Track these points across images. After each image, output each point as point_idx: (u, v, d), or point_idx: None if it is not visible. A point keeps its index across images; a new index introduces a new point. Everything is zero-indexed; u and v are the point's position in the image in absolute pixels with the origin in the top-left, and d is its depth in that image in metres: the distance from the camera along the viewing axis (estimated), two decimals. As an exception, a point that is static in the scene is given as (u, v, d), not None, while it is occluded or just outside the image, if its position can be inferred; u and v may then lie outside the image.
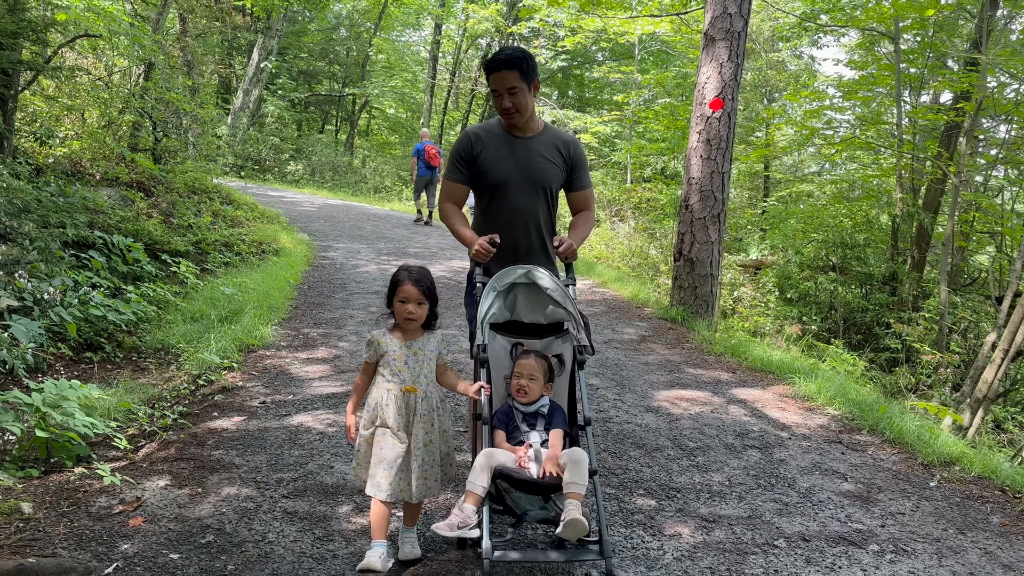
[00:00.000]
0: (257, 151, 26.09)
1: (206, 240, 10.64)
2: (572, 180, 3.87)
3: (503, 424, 3.30)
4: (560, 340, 3.57)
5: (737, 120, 9.28)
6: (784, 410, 5.74)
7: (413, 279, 3.21)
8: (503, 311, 3.54)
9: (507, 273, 3.51)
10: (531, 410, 3.32)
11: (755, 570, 3.41)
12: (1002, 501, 4.34)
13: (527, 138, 3.77)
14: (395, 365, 3.20)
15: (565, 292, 3.53)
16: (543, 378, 3.34)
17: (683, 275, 9.09)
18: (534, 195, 3.74)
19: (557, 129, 3.95)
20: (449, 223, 3.82)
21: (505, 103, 3.62)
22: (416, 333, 3.28)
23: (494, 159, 3.72)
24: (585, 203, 3.95)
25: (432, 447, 3.23)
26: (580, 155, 3.89)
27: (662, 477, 4.36)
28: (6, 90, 10.01)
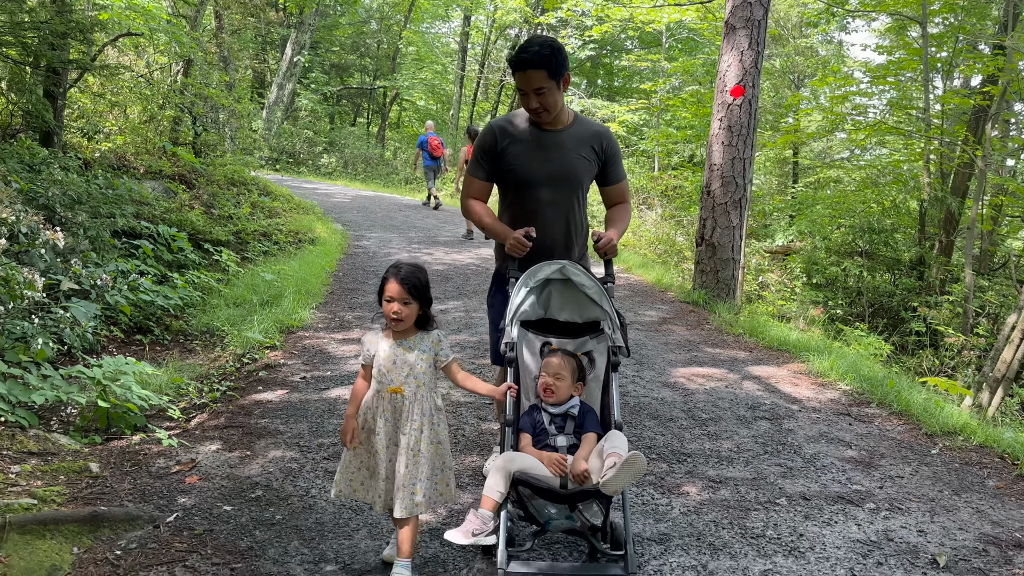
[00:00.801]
0: (291, 144, 26.64)
1: (245, 230, 11.10)
2: (605, 174, 3.67)
3: (529, 427, 3.12)
4: (593, 339, 3.39)
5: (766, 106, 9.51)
6: (797, 385, 5.99)
7: (399, 277, 2.96)
8: (536, 308, 3.36)
9: (541, 268, 3.31)
10: (560, 411, 3.13)
11: (756, 524, 3.69)
12: (1000, 467, 4.56)
13: (556, 131, 3.55)
14: (383, 366, 3.01)
15: (602, 289, 3.33)
16: (571, 377, 3.15)
17: (705, 260, 9.32)
18: (564, 191, 3.54)
19: (588, 120, 3.72)
20: (477, 220, 3.66)
21: (532, 103, 3.42)
22: (408, 333, 3.04)
23: (520, 154, 3.52)
24: (620, 196, 3.75)
25: (420, 457, 2.96)
26: (613, 147, 3.67)
27: (674, 444, 4.65)
28: (56, 88, 10.55)
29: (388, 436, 2.99)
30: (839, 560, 3.39)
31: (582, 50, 26.99)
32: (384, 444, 2.98)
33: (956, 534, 3.69)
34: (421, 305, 3.02)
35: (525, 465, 2.87)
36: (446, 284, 9.23)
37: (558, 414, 3.13)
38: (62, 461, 4.06)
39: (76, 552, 3.20)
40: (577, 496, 2.81)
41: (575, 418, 3.11)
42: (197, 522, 3.50)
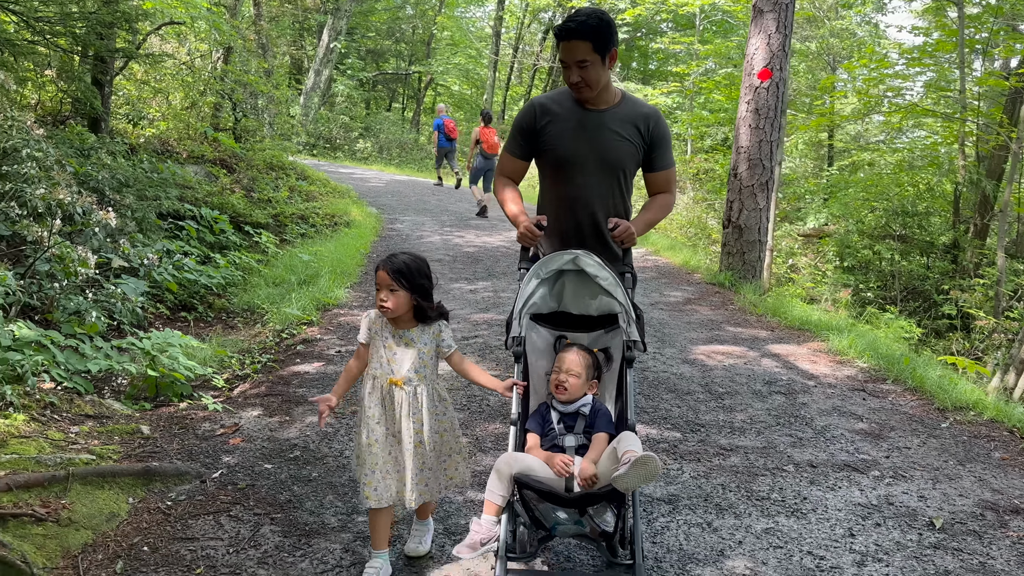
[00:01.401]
0: (328, 130, 27.07)
1: (284, 213, 11.46)
2: (651, 159, 3.40)
3: (538, 426, 2.97)
4: (609, 334, 3.21)
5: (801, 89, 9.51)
6: (815, 363, 6.14)
7: (388, 265, 2.85)
8: (547, 300, 3.19)
9: (553, 259, 3.13)
10: (570, 410, 2.95)
11: (762, 488, 3.90)
12: (1008, 440, 4.70)
13: (600, 111, 3.32)
14: (385, 354, 2.92)
15: (617, 281, 3.12)
16: (586, 375, 2.98)
17: (731, 241, 9.44)
18: (605, 176, 3.32)
19: (637, 100, 3.47)
20: (499, 198, 3.52)
21: (573, 77, 3.20)
22: (407, 324, 2.94)
23: (560, 133, 3.32)
24: (665, 185, 3.49)
25: (422, 448, 2.90)
26: (662, 130, 3.39)
27: (688, 415, 4.86)
28: (103, 76, 10.95)
29: (388, 428, 2.91)
30: (839, 521, 3.59)
31: (616, 33, 26.88)
32: (383, 433, 2.90)
33: (956, 500, 3.86)
34: (413, 293, 2.86)
35: (527, 466, 2.71)
36: (476, 265, 9.48)
37: (568, 413, 2.95)
38: (116, 424, 4.39)
39: (131, 502, 3.52)
40: (584, 500, 2.63)
41: (586, 417, 2.93)
42: (240, 478, 3.80)
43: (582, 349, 3.06)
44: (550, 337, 3.25)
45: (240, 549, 3.20)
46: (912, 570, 3.20)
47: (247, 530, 3.34)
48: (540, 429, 2.95)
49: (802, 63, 20.97)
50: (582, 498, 2.63)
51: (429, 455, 2.91)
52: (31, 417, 4.12)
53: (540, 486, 2.64)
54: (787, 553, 3.30)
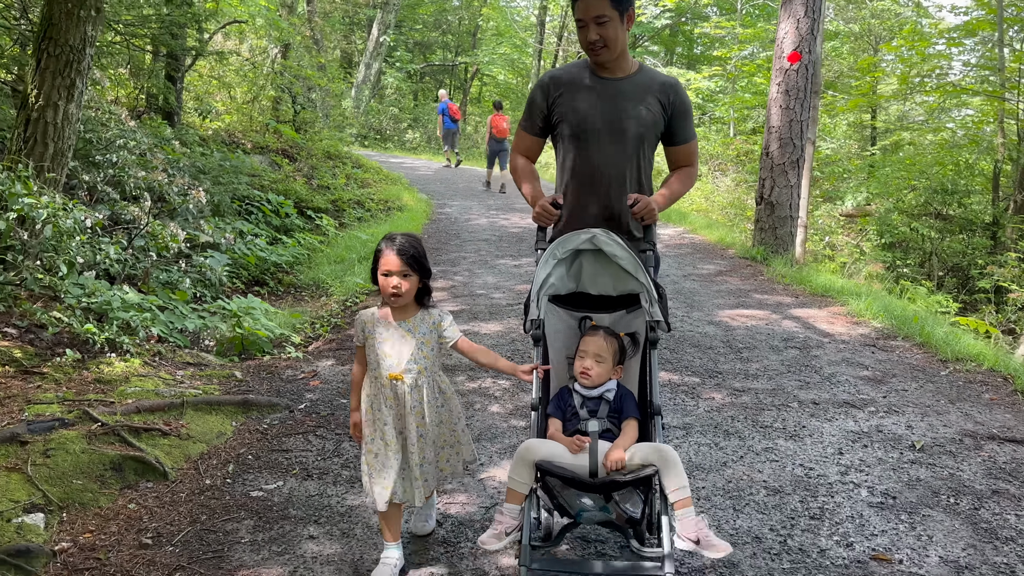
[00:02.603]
0: (378, 121, 27.96)
1: (342, 199, 12.27)
2: (672, 131, 3.22)
3: (559, 411, 2.87)
4: (631, 314, 3.07)
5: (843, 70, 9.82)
6: (832, 324, 6.65)
7: (396, 248, 2.73)
8: (566, 281, 3.07)
9: (569, 238, 3.00)
10: (594, 395, 2.83)
11: (767, 419, 4.48)
12: (1000, 385, 5.18)
13: (617, 79, 3.16)
14: (380, 349, 2.80)
15: (636, 260, 2.97)
16: (612, 360, 2.85)
17: (764, 217, 9.91)
18: (623, 148, 3.13)
19: (654, 70, 3.32)
20: (515, 177, 3.41)
21: (591, 35, 3.03)
22: (407, 311, 2.83)
23: (574, 103, 3.16)
24: (687, 158, 3.32)
25: (424, 442, 2.83)
26: (683, 100, 3.21)
27: (709, 365, 5.45)
28: (175, 72, 11.87)
29: (396, 424, 2.82)
30: (831, 443, 4.16)
31: (659, 19, 27.21)
32: (395, 434, 2.81)
33: (940, 429, 4.39)
34: (421, 277, 2.80)
35: (549, 453, 2.63)
36: (520, 244, 10.14)
37: (591, 397, 2.83)
38: (212, 370, 5.16)
39: (234, 425, 4.27)
40: (609, 486, 2.53)
41: (610, 402, 2.82)
42: (322, 409, 4.53)
43: (609, 333, 2.91)
44: (569, 319, 3.12)
45: (326, 458, 3.92)
46: (888, 478, 3.77)
47: (331, 445, 4.06)
48: (562, 414, 2.85)
49: (845, 44, 21.08)
50: (607, 484, 2.53)
51: (428, 449, 2.85)
52: (144, 362, 4.91)
53: (563, 472, 2.54)
54: (781, 465, 3.90)
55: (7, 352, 4.45)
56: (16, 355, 4.45)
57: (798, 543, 3.18)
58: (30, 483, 3.29)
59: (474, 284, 7.93)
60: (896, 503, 3.53)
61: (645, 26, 26.07)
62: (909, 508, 3.49)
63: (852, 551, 3.13)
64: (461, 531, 3.26)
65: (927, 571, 3.00)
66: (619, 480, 2.52)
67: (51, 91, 5.61)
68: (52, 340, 4.77)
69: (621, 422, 2.80)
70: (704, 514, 2.68)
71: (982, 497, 3.60)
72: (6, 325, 4.71)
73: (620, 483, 2.52)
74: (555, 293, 3.09)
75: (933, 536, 3.25)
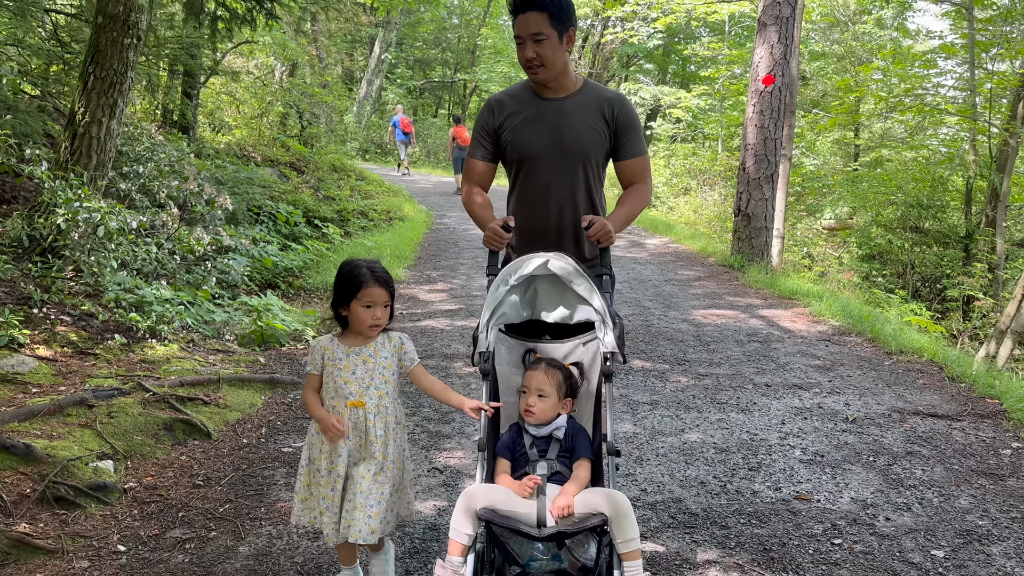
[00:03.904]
0: (379, 136, 28.72)
1: (346, 209, 12.97)
2: (619, 147, 3.15)
3: (508, 451, 2.67)
4: (586, 345, 2.90)
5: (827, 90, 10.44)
6: (795, 322, 7.35)
7: (378, 279, 2.63)
8: (519, 309, 2.90)
9: (522, 263, 2.83)
10: (543, 433, 2.66)
11: (723, 397, 5.17)
12: (935, 373, 5.87)
13: (560, 99, 3.11)
14: (339, 376, 2.65)
15: (592, 286, 2.82)
16: (557, 393, 2.67)
17: (741, 228, 10.63)
18: (570, 168, 3.09)
19: (599, 86, 3.27)
20: (468, 208, 3.28)
21: (528, 53, 2.97)
22: (368, 337, 2.70)
23: (519, 127, 3.11)
24: (637, 175, 3.20)
25: (383, 476, 2.64)
26: (628, 115, 3.15)
27: (678, 355, 6.14)
28: (191, 89, 12.60)
29: (351, 456, 2.64)
30: (776, 415, 4.85)
31: (651, 39, 28.07)
32: (345, 465, 2.63)
33: (873, 406, 5.08)
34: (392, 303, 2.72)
35: (490, 500, 2.42)
36: (515, 251, 10.85)
37: (541, 436, 2.66)
38: (239, 356, 5.84)
39: (263, 398, 4.95)
40: (556, 536, 2.37)
41: (560, 441, 2.65)
42: (336, 387, 5.20)
43: (551, 364, 2.74)
44: (520, 349, 2.93)
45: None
46: (820, 442, 4.45)
47: (346, 414, 4.73)
48: (511, 454, 2.66)
49: (829, 65, 21.90)
50: (554, 535, 2.36)
51: (385, 486, 2.64)
52: (181, 348, 5.59)
53: (508, 523, 2.36)
54: (730, 432, 4.58)
55: (65, 336, 5.12)
56: (72, 339, 5.13)
57: (736, 487, 3.87)
58: (99, 437, 3.96)
59: (471, 287, 8.62)
60: (823, 460, 4.21)
61: (638, 46, 26.91)
62: (833, 464, 4.17)
63: (779, 493, 3.81)
64: None
65: (839, 508, 3.68)
66: (565, 531, 2.36)
67: (96, 109, 6.31)
68: (100, 327, 5.45)
69: (573, 462, 2.61)
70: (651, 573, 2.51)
71: (897, 456, 4.28)
72: (61, 314, 5.38)
73: (567, 533, 2.37)
74: (508, 322, 2.92)
75: (849, 483, 3.93)
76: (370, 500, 2.59)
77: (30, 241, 5.75)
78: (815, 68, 23.13)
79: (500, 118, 3.16)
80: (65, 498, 3.45)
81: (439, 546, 3.25)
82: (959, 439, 4.56)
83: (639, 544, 2.35)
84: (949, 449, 4.40)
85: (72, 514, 3.39)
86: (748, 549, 3.28)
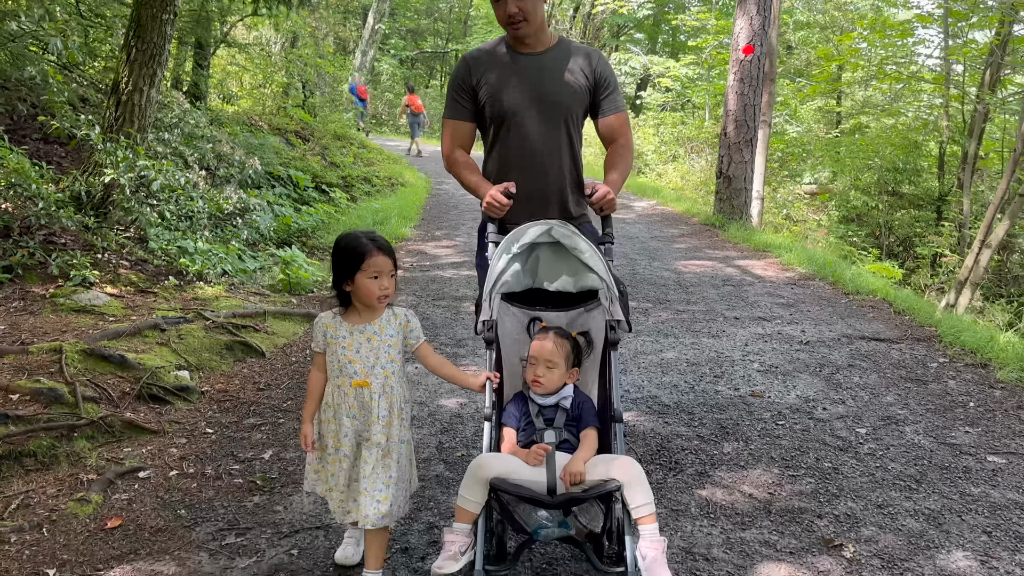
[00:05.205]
0: (374, 106, 29.30)
1: (351, 175, 13.70)
2: (600, 102, 3.14)
3: (514, 419, 2.69)
4: (590, 312, 2.88)
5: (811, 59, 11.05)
6: (766, 270, 8.18)
7: (381, 247, 2.53)
8: (520, 277, 2.87)
9: (526, 230, 2.82)
10: (549, 403, 2.66)
11: (696, 326, 6.00)
12: (885, 309, 6.71)
13: (538, 54, 3.09)
14: (343, 355, 2.56)
15: (597, 253, 2.83)
16: (564, 363, 2.67)
17: (723, 190, 11.42)
18: (551, 125, 3.07)
19: (574, 41, 3.25)
20: (455, 172, 3.21)
21: (510, 8, 2.95)
22: (372, 314, 2.60)
23: (496, 83, 3.06)
24: (619, 131, 3.17)
25: (390, 459, 2.57)
26: (605, 69, 3.14)
27: (660, 296, 6.96)
28: (202, 60, 13.26)
29: (357, 436, 2.59)
30: (740, 339, 5.69)
31: (641, 9, 28.61)
32: (351, 445, 2.59)
33: (825, 332, 5.92)
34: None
35: (502, 469, 2.43)
36: (512, 212, 11.64)
37: (547, 405, 2.66)
38: (274, 298, 6.63)
39: (303, 329, 5.75)
40: (570, 503, 2.38)
41: (567, 411, 2.65)
42: (363, 321, 6.01)
43: (559, 335, 2.73)
44: (524, 318, 2.93)
45: (373, 347, 5.40)
46: (776, 359, 5.29)
47: (375, 340, 5.54)
48: (517, 423, 2.68)
49: (813, 34, 22.56)
50: (567, 501, 2.38)
51: (392, 469, 2.58)
52: (225, 289, 6.37)
53: (519, 491, 2.37)
54: (701, 351, 5.42)
55: (127, 277, 5.90)
56: (133, 279, 5.91)
57: (702, 388, 4.71)
58: (175, 353, 4.76)
59: (473, 244, 9.30)
60: (777, 370, 5.06)
61: (628, 16, 27.46)
62: (784, 372, 5.01)
63: (737, 392, 4.65)
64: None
65: (785, 402, 4.52)
66: (579, 497, 2.39)
67: (138, 79, 7.02)
68: (154, 270, 6.22)
69: (579, 431, 2.63)
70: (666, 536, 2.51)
71: (839, 368, 5.13)
72: (120, 259, 6.15)
73: (581, 499, 2.38)
74: (510, 290, 2.87)
75: (796, 386, 4.78)
76: (377, 484, 2.53)
77: (87, 197, 6.50)
78: (800, 37, 23.79)
79: (477, 74, 3.11)
80: (157, 396, 4.25)
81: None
82: (895, 356, 5.40)
83: (653, 508, 2.38)
84: (885, 363, 5.25)
85: (164, 408, 4.20)
86: (708, 427, 4.13)
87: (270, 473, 3.56)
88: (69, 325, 4.92)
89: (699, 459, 3.76)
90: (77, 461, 3.55)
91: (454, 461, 3.72)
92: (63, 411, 3.81)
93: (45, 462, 3.52)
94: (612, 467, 2.42)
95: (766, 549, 2.98)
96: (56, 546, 2.95)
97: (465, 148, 3.22)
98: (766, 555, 2.95)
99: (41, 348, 4.35)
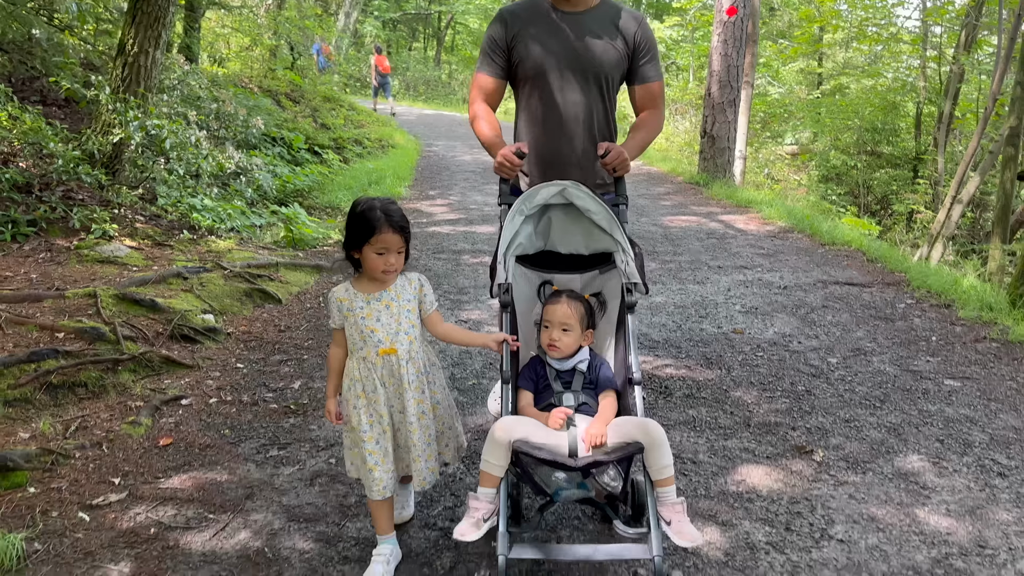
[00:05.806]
0: (358, 69, 29.28)
1: (342, 137, 13.91)
2: (638, 69, 3.07)
3: (531, 382, 2.68)
4: (604, 275, 2.88)
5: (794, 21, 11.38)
6: (748, 224, 8.58)
7: (393, 224, 2.45)
8: (533, 240, 2.87)
9: (537, 192, 2.80)
10: (566, 366, 2.66)
11: (683, 275, 6.40)
12: (859, 258, 7.13)
13: (579, 13, 3.00)
14: (364, 325, 2.50)
15: (611, 215, 2.78)
16: (579, 326, 2.66)
17: (707, 149, 11.78)
18: (585, 86, 2.99)
19: (618, 3, 3.10)
20: (474, 128, 3.15)
21: None
22: (385, 283, 2.55)
23: (533, 41, 2.99)
24: (652, 100, 3.12)
25: (426, 420, 2.59)
26: (648, 36, 3.05)
27: (648, 248, 7.35)
28: (192, 23, 13.36)
29: (391, 403, 2.56)
30: (723, 285, 6.10)
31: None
32: (388, 413, 2.55)
33: (802, 278, 6.34)
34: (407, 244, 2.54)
35: (523, 432, 2.43)
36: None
37: (564, 369, 2.67)
38: (282, 252, 6.95)
39: (314, 279, 6.10)
40: (592, 464, 2.37)
41: (584, 374, 2.66)
42: (369, 271, 6.37)
43: (572, 297, 2.72)
44: (536, 280, 2.93)
45: (382, 294, 5.77)
46: (756, 301, 5.71)
47: (383, 287, 5.91)
48: (533, 386, 2.68)
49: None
50: (590, 464, 2.36)
51: (431, 426, 2.61)
52: (235, 243, 6.69)
53: (542, 455, 2.36)
54: (687, 295, 5.82)
55: (144, 231, 6.21)
56: (150, 233, 6.22)
57: (688, 326, 5.12)
58: (199, 299, 5.10)
59: (467, 201, 9.73)
60: (757, 311, 5.48)
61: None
62: (764, 312, 5.43)
63: (720, 329, 5.07)
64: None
65: (764, 337, 4.94)
66: (602, 459, 2.37)
67: (143, 41, 7.24)
68: (168, 225, 6.53)
69: (597, 394, 2.64)
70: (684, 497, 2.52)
71: (814, 308, 5.55)
72: (135, 214, 6.45)
73: (604, 462, 2.37)
74: (523, 253, 2.88)
75: (774, 324, 5.20)
76: (427, 449, 2.59)
77: (99, 155, 6.76)
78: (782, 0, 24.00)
79: (514, 30, 3.03)
80: (188, 336, 4.60)
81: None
82: (866, 298, 5.84)
83: (673, 471, 2.38)
84: (857, 304, 5.68)
85: (195, 347, 4.55)
86: (694, 358, 4.54)
87: (301, 399, 3.94)
88: (96, 274, 5.25)
89: (686, 384, 4.17)
90: (124, 391, 3.91)
91: (467, 388, 4.12)
92: (106, 347, 4.16)
93: (95, 391, 3.87)
94: (635, 429, 2.41)
95: (746, 455, 3.41)
96: (117, 460, 3.32)
97: (491, 104, 3.17)
98: (746, 459, 3.37)
99: (77, 293, 4.68)
